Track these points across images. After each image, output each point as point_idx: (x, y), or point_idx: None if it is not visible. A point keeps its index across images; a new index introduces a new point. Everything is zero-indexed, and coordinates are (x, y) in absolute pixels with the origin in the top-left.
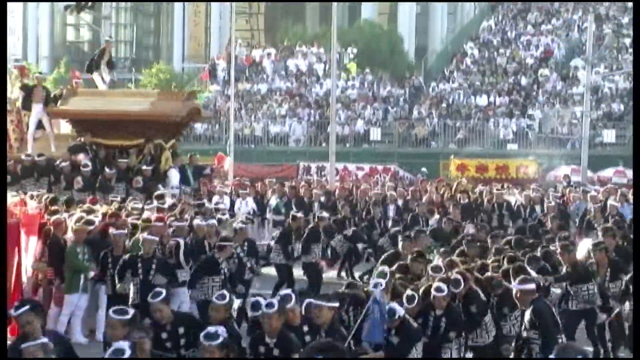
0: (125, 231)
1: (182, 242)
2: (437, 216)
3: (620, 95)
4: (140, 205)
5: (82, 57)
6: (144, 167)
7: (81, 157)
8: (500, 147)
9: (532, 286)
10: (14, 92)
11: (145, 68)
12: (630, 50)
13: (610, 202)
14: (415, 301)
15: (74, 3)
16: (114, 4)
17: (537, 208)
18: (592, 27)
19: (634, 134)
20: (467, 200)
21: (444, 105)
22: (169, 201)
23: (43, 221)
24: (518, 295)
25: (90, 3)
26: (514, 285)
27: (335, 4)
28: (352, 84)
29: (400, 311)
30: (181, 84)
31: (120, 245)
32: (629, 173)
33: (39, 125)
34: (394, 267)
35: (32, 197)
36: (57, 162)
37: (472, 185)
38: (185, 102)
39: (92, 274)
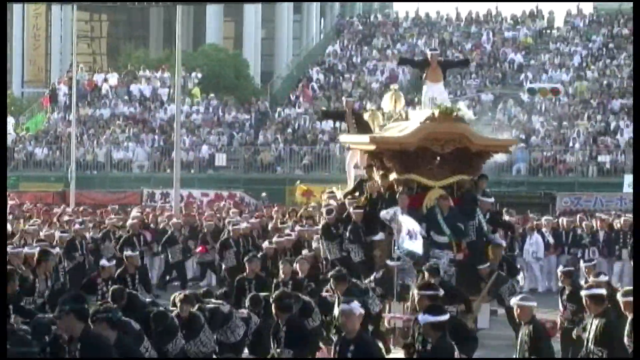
0: None
1: None
2: None
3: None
4: None
5: None
6: (352, 210)
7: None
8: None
9: None
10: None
11: None
12: (474, 75)
13: None
14: None
15: None
16: None
17: None
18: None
19: (634, 135)
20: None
21: (289, 130)
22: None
23: None
24: None
25: None
26: None
27: (178, 28)
28: (197, 109)
29: None
30: (20, 109)
31: None
32: None
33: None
34: None
35: None
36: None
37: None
38: (423, 125)
39: None
